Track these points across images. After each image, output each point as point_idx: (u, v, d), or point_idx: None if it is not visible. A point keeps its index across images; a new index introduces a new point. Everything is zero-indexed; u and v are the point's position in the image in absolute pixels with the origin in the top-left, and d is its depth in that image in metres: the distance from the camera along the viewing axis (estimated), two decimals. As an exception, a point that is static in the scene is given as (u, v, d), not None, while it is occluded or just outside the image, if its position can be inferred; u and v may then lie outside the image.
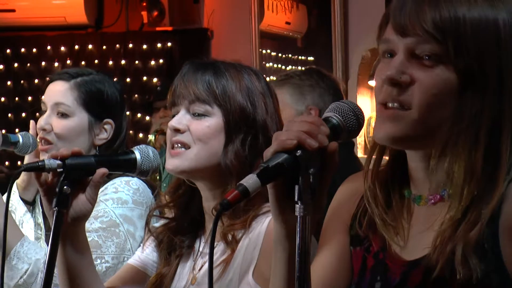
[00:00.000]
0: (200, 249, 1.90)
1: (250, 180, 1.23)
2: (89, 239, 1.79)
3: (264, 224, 1.76)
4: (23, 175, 2.47)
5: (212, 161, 1.82)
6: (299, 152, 1.26)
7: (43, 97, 2.46)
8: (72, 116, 2.39)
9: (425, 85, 1.31)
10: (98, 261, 2.17)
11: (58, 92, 2.41)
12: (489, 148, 1.31)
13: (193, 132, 1.83)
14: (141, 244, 2.02)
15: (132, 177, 2.29)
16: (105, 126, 2.42)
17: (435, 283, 1.33)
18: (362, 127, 1.36)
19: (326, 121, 1.33)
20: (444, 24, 1.29)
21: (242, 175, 1.72)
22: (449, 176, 1.34)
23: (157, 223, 1.99)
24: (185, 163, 1.82)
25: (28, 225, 2.46)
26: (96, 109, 2.41)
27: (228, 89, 1.83)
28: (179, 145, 1.83)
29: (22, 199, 2.49)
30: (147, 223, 1.98)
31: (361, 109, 1.36)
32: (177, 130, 1.83)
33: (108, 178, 2.28)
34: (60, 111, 2.39)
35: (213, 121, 1.83)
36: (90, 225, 2.20)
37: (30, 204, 2.49)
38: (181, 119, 1.84)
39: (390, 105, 1.34)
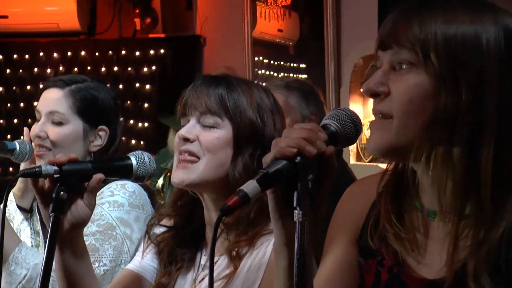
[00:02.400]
0: (202, 262, 1.90)
1: (250, 186, 1.25)
2: (86, 243, 1.80)
3: (270, 244, 1.75)
4: (19, 183, 2.47)
5: (219, 173, 1.83)
6: (298, 159, 1.28)
7: (37, 104, 2.46)
8: (67, 124, 2.40)
9: (399, 92, 1.35)
10: (96, 264, 2.17)
11: (52, 100, 2.41)
12: (468, 154, 1.32)
13: (202, 142, 1.83)
14: (140, 249, 2.02)
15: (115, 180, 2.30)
16: (100, 133, 2.43)
17: None
18: (359, 134, 1.38)
19: (324, 128, 1.35)
20: (414, 35, 1.34)
21: None
22: (433, 181, 1.35)
23: (156, 230, 1.98)
24: (192, 176, 1.83)
25: (25, 233, 2.47)
26: (90, 116, 2.41)
27: (240, 104, 1.85)
28: (187, 154, 1.84)
29: (19, 207, 2.49)
30: (147, 232, 1.97)
31: (358, 117, 1.39)
32: (186, 140, 1.84)
33: (104, 182, 2.28)
34: (55, 119, 2.39)
35: (223, 133, 1.84)
36: (87, 228, 2.20)
37: (27, 212, 2.49)
38: (191, 128, 1.85)
39: (375, 116, 1.38)
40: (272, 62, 5.43)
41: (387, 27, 1.39)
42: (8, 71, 5.99)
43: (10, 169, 5.85)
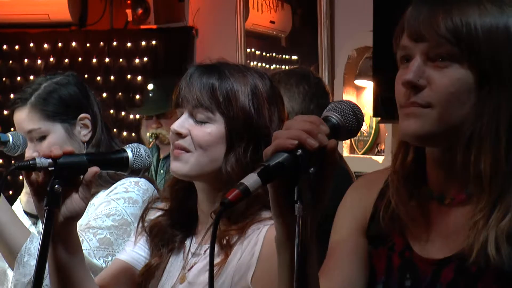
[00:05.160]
0: (192, 250, 1.90)
1: (251, 179, 1.23)
2: (101, 236, 1.80)
3: (262, 232, 1.76)
4: (25, 188, 2.46)
5: (213, 166, 1.82)
6: (299, 152, 1.26)
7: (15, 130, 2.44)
8: (49, 134, 2.38)
9: (441, 85, 1.37)
10: (110, 258, 2.19)
11: (22, 121, 2.39)
12: (509, 140, 1.38)
13: (194, 138, 1.82)
14: (132, 239, 2.01)
15: (126, 176, 2.29)
16: (83, 122, 2.41)
17: (468, 277, 1.38)
18: (361, 126, 1.38)
19: (325, 120, 1.34)
20: (456, 28, 1.36)
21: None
22: (476, 170, 1.38)
23: (151, 217, 1.99)
24: (185, 168, 1.82)
25: None
26: (64, 114, 2.39)
27: (232, 96, 1.82)
28: (180, 149, 1.83)
29: (26, 213, 2.47)
30: (142, 216, 1.98)
31: (360, 109, 1.37)
32: (179, 134, 1.83)
33: (113, 179, 2.29)
34: (35, 136, 2.38)
35: (215, 128, 1.82)
36: (103, 222, 2.22)
37: (35, 217, 2.47)
38: (183, 122, 1.83)
39: (408, 106, 1.40)
40: (264, 54, 5.42)
41: (421, 17, 1.39)
42: (-3, 62, 5.96)
43: (0, 161, 5.82)
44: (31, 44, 5.87)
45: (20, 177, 5.44)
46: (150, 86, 4.68)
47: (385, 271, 1.48)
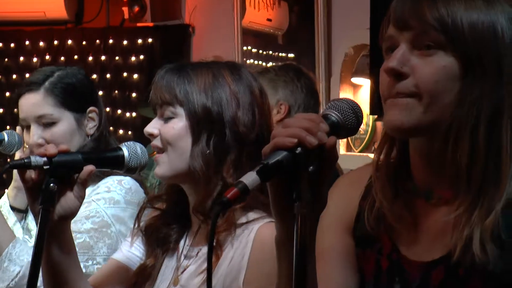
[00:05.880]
0: (185, 252, 1.89)
1: (250, 178, 1.22)
2: (80, 240, 1.78)
3: (252, 233, 1.76)
4: (14, 182, 2.45)
5: (184, 164, 1.84)
6: (298, 150, 1.25)
7: (19, 113, 2.41)
8: (59, 122, 2.37)
9: (425, 73, 1.35)
10: (90, 262, 2.15)
11: (35, 105, 2.37)
12: (490, 133, 1.35)
13: (163, 135, 1.86)
14: (128, 240, 2.00)
15: (122, 174, 2.27)
16: (91, 115, 2.43)
17: (457, 280, 1.35)
18: (361, 125, 1.37)
19: (325, 118, 1.33)
20: (441, 17, 1.35)
21: (209, 176, 1.75)
22: (453, 161, 1.36)
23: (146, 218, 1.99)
24: (162, 170, 1.86)
25: (17, 235, 2.42)
26: (76, 104, 2.39)
27: (189, 88, 1.84)
28: (156, 149, 1.88)
29: (13, 208, 2.44)
30: (138, 215, 1.97)
31: (360, 107, 1.36)
32: (151, 135, 1.88)
33: (99, 177, 2.26)
34: (45, 122, 2.35)
35: (177, 121, 1.85)
36: (82, 225, 2.18)
37: (22, 212, 2.45)
38: (154, 123, 1.89)
39: (393, 97, 1.38)
40: (261, 51, 5.40)
41: (406, 6, 1.37)
42: (-7, 60, 5.93)
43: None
44: (27, 42, 5.85)
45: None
46: None
47: (374, 274, 1.45)
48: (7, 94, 5.88)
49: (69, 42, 5.78)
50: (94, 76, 5.68)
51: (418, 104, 1.35)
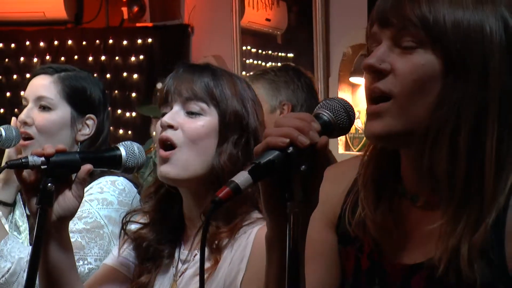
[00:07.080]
0: (182, 257, 1.87)
1: (242, 177, 1.21)
2: (72, 240, 1.76)
3: (251, 235, 1.74)
4: (1, 175, 2.42)
5: (202, 164, 1.79)
6: (290, 149, 1.24)
7: (24, 92, 2.43)
8: (55, 109, 2.35)
9: (404, 71, 1.31)
10: (81, 262, 2.13)
11: (41, 85, 2.38)
12: (473, 138, 1.30)
13: (186, 131, 1.79)
14: (117, 245, 1.98)
15: (118, 174, 2.26)
16: (87, 122, 2.39)
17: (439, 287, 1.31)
18: (353, 124, 1.35)
19: (316, 117, 1.31)
20: (423, 14, 1.31)
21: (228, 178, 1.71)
22: (433, 167, 1.31)
23: (133, 225, 1.94)
24: (176, 170, 1.78)
25: None
26: (79, 103, 2.38)
27: (225, 92, 1.82)
28: (168, 143, 1.79)
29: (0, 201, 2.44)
30: (123, 228, 1.92)
31: (352, 106, 1.35)
32: (170, 127, 1.79)
33: (91, 177, 2.24)
34: (42, 104, 2.35)
35: (208, 120, 1.81)
36: (74, 225, 2.16)
37: (9, 205, 2.44)
38: (174, 115, 1.80)
39: (373, 95, 1.34)
40: (260, 51, 5.40)
41: (388, 3, 1.34)
42: (-7, 60, 5.95)
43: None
44: (27, 42, 5.86)
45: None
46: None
47: (353, 273, 1.43)
48: (8, 94, 5.89)
49: (69, 42, 5.79)
50: (94, 76, 5.68)
51: (393, 108, 1.31)
